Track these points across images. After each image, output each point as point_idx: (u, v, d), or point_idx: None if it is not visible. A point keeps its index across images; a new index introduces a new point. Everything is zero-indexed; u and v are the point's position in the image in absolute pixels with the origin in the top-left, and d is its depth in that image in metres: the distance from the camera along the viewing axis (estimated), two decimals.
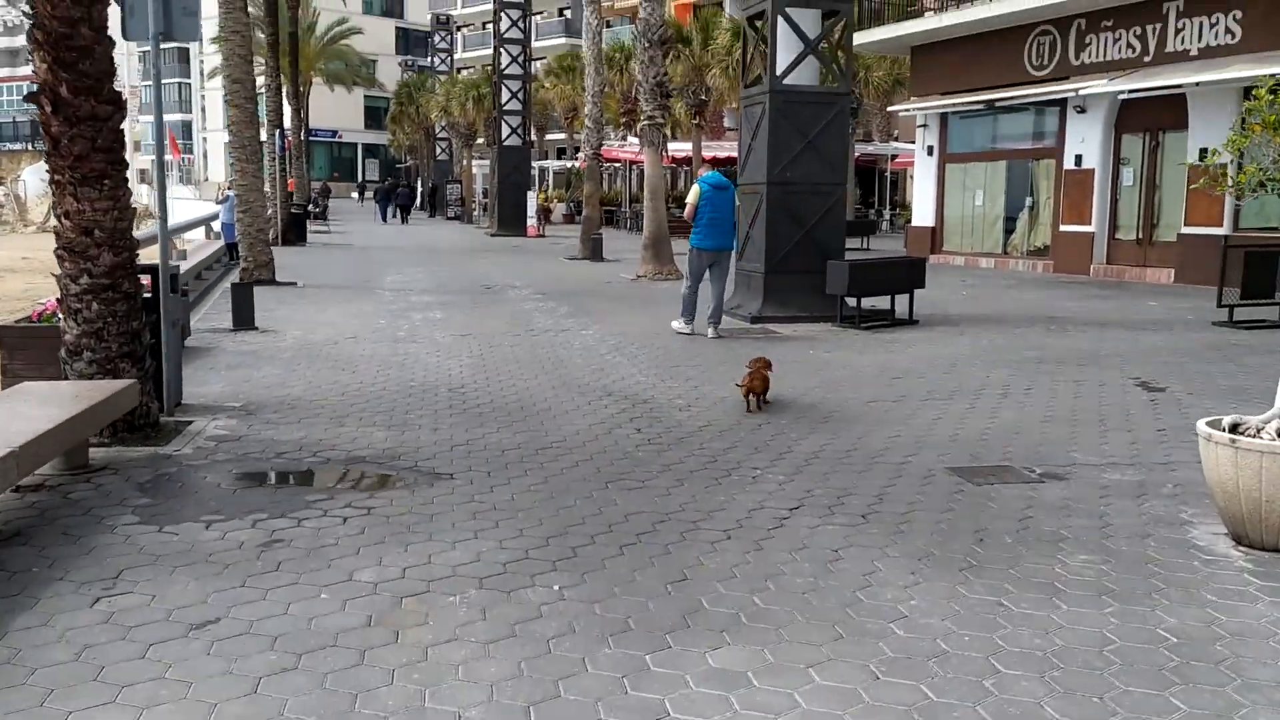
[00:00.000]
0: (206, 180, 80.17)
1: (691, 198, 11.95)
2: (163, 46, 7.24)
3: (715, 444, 6.92)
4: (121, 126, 6.85)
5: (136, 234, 7.15)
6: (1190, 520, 5.29)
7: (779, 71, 12.87)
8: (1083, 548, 4.87)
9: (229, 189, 20.73)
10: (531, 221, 32.38)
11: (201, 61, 68.19)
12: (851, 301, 12.73)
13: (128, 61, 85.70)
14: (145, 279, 7.38)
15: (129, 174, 6.89)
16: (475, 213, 44.10)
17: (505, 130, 33.64)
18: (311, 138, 73.68)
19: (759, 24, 13.50)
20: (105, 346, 6.84)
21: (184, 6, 7.27)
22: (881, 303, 13.05)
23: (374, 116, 78.05)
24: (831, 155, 13.18)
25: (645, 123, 18.65)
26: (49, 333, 7.61)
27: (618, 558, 4.71)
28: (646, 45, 18.26)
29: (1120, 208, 19.83)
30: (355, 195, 68.65)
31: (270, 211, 28.63)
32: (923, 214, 24.51)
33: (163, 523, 5.13)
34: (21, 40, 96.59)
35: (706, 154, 33.30)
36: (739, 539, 4.98)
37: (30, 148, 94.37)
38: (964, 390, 8.84)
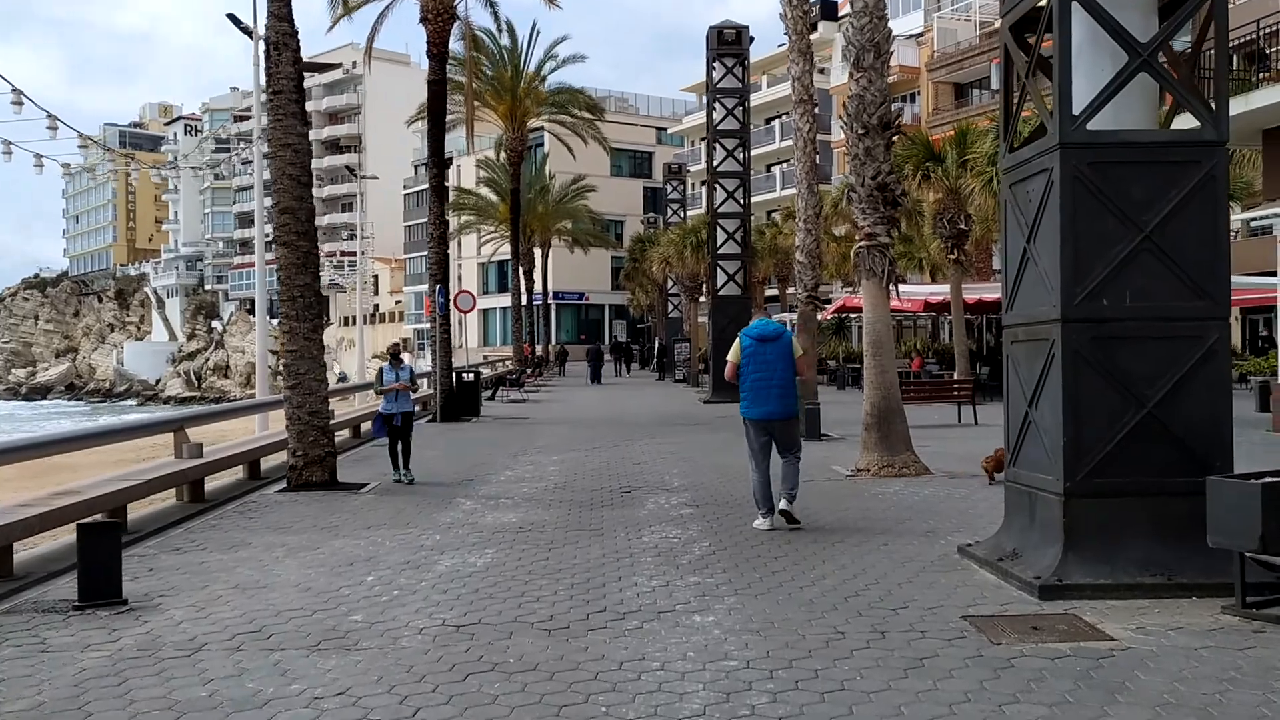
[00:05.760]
0: (461, 347, 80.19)
1: (731, 355, 9.24)
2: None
3: None
4: None
5: None
6: None
7: (1077, 110, 6.74)
8: None
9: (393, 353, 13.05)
10: None
11: (460, 237, 68.52)
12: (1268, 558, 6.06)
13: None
14: None
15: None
16: (700, 373, 39.05)
17: (721, 277, 28.48)
18: (558, 300, 72.65)
19: (1030, 37, 7.48)
20: None
21: None
22: None
23: (620, 277, 76.11)
24: (1195, 260, 6.74)
25: (862, 244, 12.68)
26: None
27: None
28: (861, 131, 12.46)
29: None
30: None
31: (426, 384, 24.39)
32: None
33: None
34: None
35: (969, 296, 26.69)
36: None
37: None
38: None
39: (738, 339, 9.27)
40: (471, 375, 24.47)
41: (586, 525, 9.52)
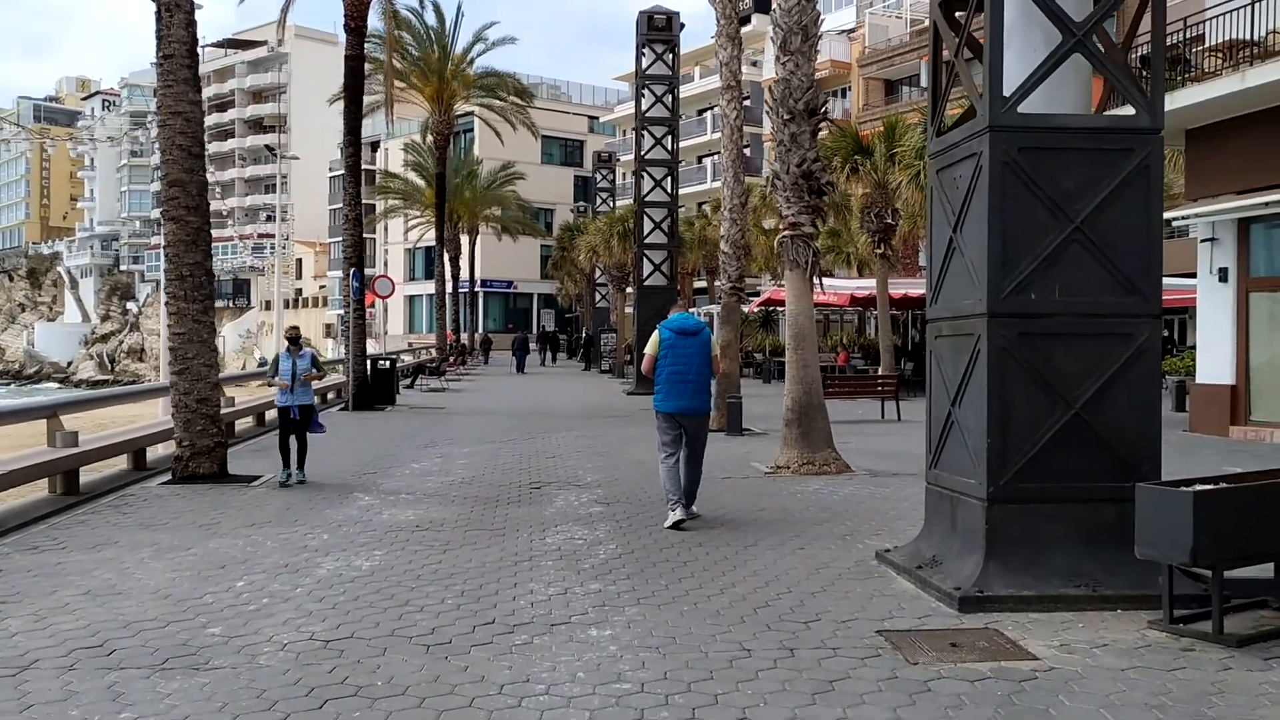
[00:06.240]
0: (386, 334, 77.70)
1: (649, 348, 9.07)
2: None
3: None
4: None
5: None
6: None
7: (1009, 91, 6.35)
8: None
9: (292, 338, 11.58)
10: None
11: (387, 222, 66.74)
12: (1198, 571, 5.75)
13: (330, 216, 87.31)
14: None
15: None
16: (625, 364, 38.56)
17: (647, 267, 28.02)
18: (485, 288, 71.54)
19: (961, 15, 7.08)
20: None
21: None
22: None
23: (549, 266, 75.21)
24: (1126, 254, 6.40)
25: (786, 233, 12.28)
26: None
27: None
28: (786, 117, 12.03)
29: None
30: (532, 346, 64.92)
31: (342, 370, 23.75)
32: (1214, 367, 16.85)
33: None
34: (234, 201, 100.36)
35: (894, 291, 26.58)
36: None
37: (231, 305, 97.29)
38: None
39: (656, 332, 9.07)
40: (387, 363, 23.63)
41: (488, 524, 8.95)
